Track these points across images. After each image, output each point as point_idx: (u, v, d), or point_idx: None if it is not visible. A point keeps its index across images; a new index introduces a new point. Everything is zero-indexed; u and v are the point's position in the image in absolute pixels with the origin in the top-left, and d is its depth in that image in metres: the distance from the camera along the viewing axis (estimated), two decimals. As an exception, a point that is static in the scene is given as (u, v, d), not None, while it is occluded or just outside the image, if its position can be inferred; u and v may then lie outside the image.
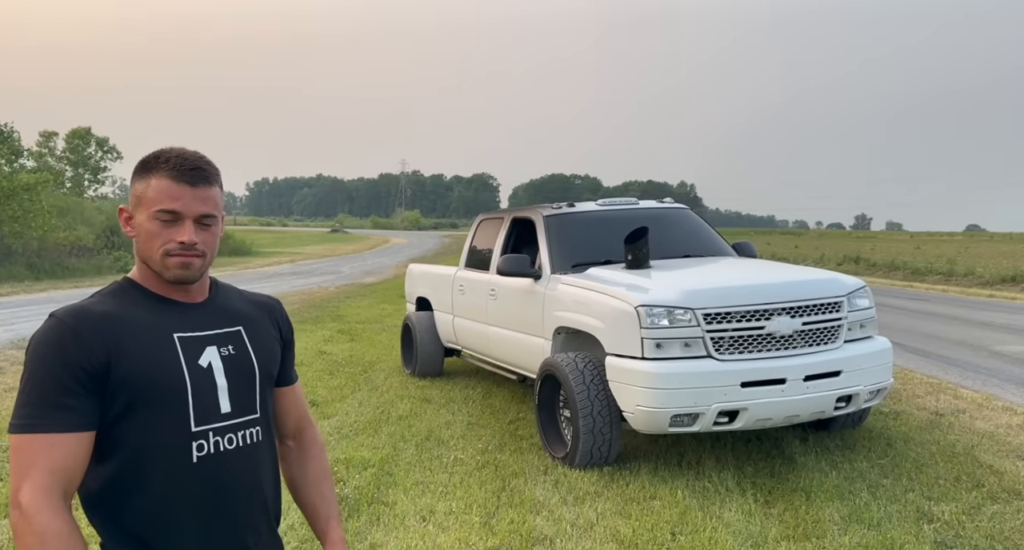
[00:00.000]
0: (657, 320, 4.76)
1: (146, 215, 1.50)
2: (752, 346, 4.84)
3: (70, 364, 1.40)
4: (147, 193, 1.50)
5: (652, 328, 4.74)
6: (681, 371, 4.68)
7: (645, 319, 4.76)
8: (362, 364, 8.92)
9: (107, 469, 1.45)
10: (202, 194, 1.51)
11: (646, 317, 4.76)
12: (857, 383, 5.02)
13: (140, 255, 1.54)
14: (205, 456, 1.49)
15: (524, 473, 4.93)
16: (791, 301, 4.96)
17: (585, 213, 6.57)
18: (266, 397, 1.63)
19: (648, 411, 4.67)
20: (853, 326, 5.22)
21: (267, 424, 1.62)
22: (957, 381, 7.69)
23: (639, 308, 4.79)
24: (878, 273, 26.25)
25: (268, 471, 1.62)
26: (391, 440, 5.63)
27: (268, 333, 1.68)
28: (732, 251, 6.63)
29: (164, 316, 1.52)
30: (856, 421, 5.83)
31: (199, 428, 1.49)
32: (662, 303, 4.81)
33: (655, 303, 4.81)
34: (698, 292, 4.90)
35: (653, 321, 4.75)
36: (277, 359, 1.69)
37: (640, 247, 5.54)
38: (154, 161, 1.52)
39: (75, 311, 1.47)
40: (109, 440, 1.45)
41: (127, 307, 1.50)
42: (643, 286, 5.10)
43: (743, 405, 4.71)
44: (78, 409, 1.40)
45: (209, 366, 1.53)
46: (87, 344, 1.42)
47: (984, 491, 4.50)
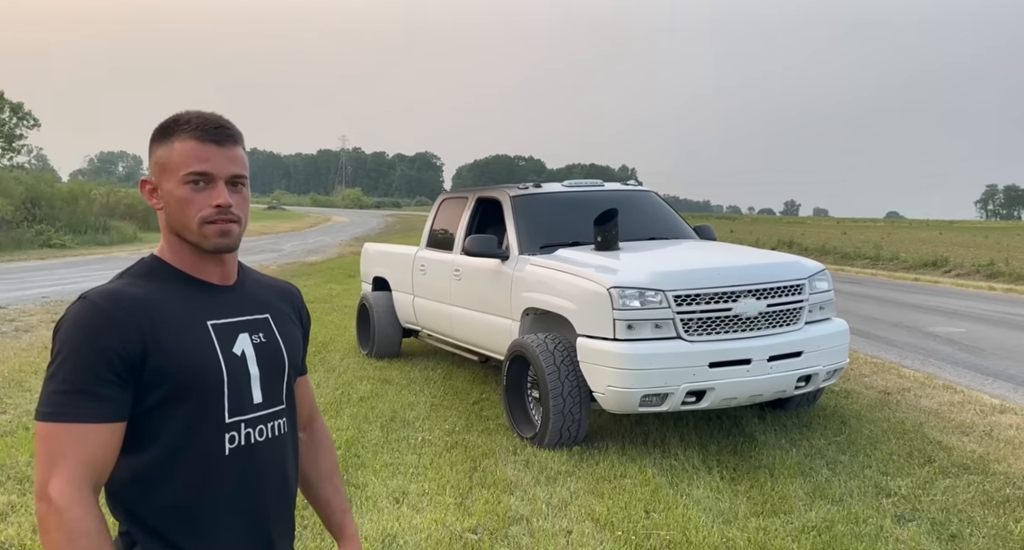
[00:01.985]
0: (629, 301, 4.81)
1: (175, 182, 1.40)
2: (719, 327, 4.94)
3: (105, 351, 1.31)
4: (172, 158, 1.41)
5: (624, 309, 4.78)
6: (652, 352, 4.74)
7: (617, 300, 4.80)
8: (315, 344, 8.74)
9: (136, 460, 1.37)
10: (230, 153, 1.43)
11: (618, 298, 4.80)
12: (817, 363, 5.19)
13: (172, 227, 1.44)
14: (236, 448, 1.42)
15: (494, 454, 4.94)
16: (757, 283, 5.07)
17: (552, 194, 6.56)
18: (291, 388, 1.57)
19: (619, 391, 4.73)
20: (813, 308, 5.38)
21: (292, 415, 1.56)
22: (898, 361, 8.03)
23: (611, 289, 4.83)
24: (810, 257, 27.00)
25: (292, 464, 1.56)
26: (355, 422, 5.55)
27: (291, 321, 1.62)
28: (694, 234, 6.73)
29: (197, 301, 1.44)
30: (811, 400, 6.03)
31: (232, 419, 1.42)
32: (634, 285, 4.86)
33: (627, 285, 4.85)
34: (669, 274, 4.97)
35: (625, 303, 4.80)
36: (300, 348, 1.63)
37: (610, 229, 5.58)
38: (173, 124, 1.43)
39: (109, 294, 1.37)
40: (140, 431, 1.37)
41: (159, 290, 1.41)
42: (614, 268, 5.14)
43: (710, 385, 4.81)
44: (111, 399, 1.32)
45: (243, 354, 1.45)
46: (123, 330, 1.33)
47: (935, 466, 4.72)
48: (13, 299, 12.21)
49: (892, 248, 26.40)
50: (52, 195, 31.68)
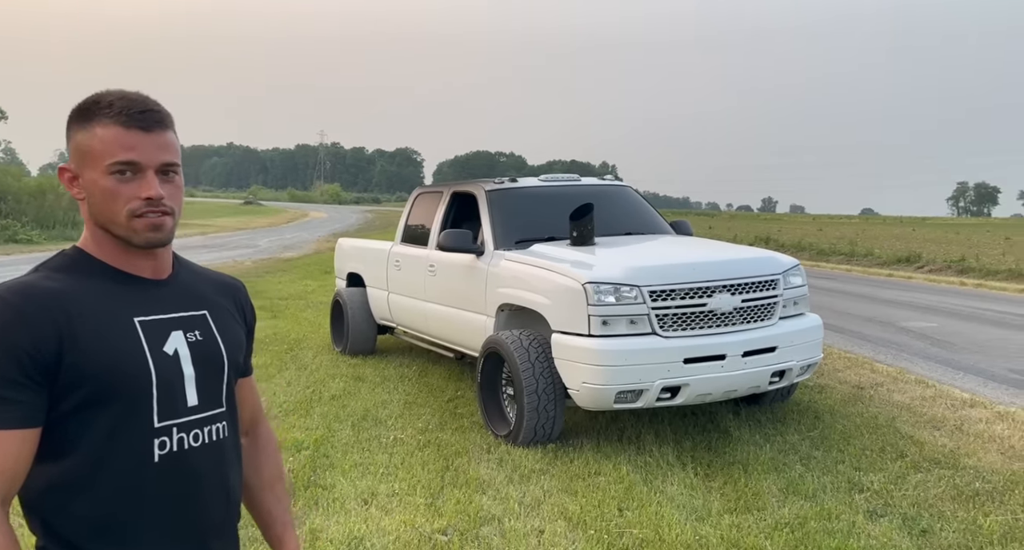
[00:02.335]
0: (604, 297, 4.76)
1: (98, 171, 1.28)
2: (694, 323, 4.92)
3: (13, 350, 1.19)
4: (93, 145, 1.28)
5: (599, 305, 4.74)
6: (627, 348, 4.70)
7: (592, 296, 4.75)
8: (287, 342, 8.63)
9: (52, 469, 1.26)
10: (159, 139, 1.30)
11: (593, 294, 4.75)
12: (791, 358, 5.18)
13: (97, 220, 1.31)
14: (168, 454, 1.31)
15: (467, 452, 4.88)
16: (732, 279, 5.05)
17: (528, 188, 6.50)
18: (232, 389, 1.46)
19: (594, 388, 4.68)
20: (788, 303, 5.37)
21: (233, 419, 1.45)
22: (872, 356, 8.08)
23: (586, 285, 4.78)
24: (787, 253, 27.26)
25: (235, 471, 1.45)
26: (325, 421, 5.46)
27: (232, 318, 1.50)
28: (670, 229, 6.71)
29: (123, 296, 1.32)
30: (785, 395, 6.03)
31: (162, 424, 1.30)
32: (609, 280, 4.81)
33: (602, 280, 4.81)
34: (644, 269, 4.93)
35: (600, 298, 4.75)
36: (243, 347, 1.52)
37: (585, 224, 5.53)
38: (94, 106, 1.30)
39: (19, 288, 1.25)
40: (57, 436, 1.25)
41: (80, 284, 1.29)
42: (589, 263, 5.09)
43: (685, 381, 4.79)
44: (23, 403, 1.20)
45: (175, 353, 1.34)
46: (34, 327, 1.21)
47: (907, 461, 4.73)
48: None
49: (866, 244, 26.69)
50: (19, 189, 31.06)
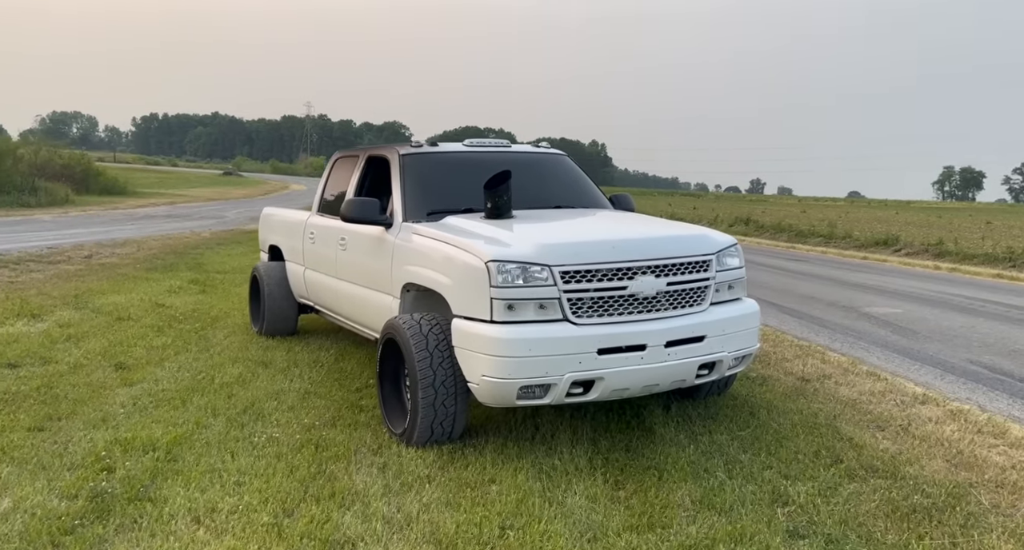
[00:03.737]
0: (510, 278, 4.17)
1: None
2: (612, 308, 4.34)
3: None
4: None
5: (503, 287, 4.14)
6: (532, 337, 4.12)
7: (496, 276, 4.15)
8: (204, 320, 8.01)
9: None
10: None
11: (497, 274, 4.15)
12: (721, 349, 4.63)
13: None
14: None
15: (350, 454, 4.29)
16: (656, 259, 4.47)
17: (448, 153, 5.87)
18: None
19: (494, 382, 4.10)
20: (721, 287, 4.81)
21: None
22: (826, 343, 7.57)
23: (489, 263, 4.18)
24: (765, 234, 26.91)
25: None
26: (198, 414, 4.84)
27: None
28: (608, 203, 6.12)
29: None
30: (721, 388, 5.50)
31: None
32: (515, 259, 4.21)
33: (508, 258, 4.21)
34: (556, 247, 4.33)
35: (505, 279, 4.16)
36: None
37: (500, 194, 4.92)
38: None
39: None
40: None
41: None
42: (498, 238, 4.49)
43: (599, 374, 4.22)
44: None
45: None
46: None
47: (842, 468, 4.21)
48: None
49: (847, 227, 26.28)
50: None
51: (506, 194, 4.94)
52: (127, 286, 10.07)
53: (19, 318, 7.59)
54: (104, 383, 5.43)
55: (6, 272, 11.28)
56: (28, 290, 9.46)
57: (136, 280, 10.72)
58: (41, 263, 12.36)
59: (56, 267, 11.98)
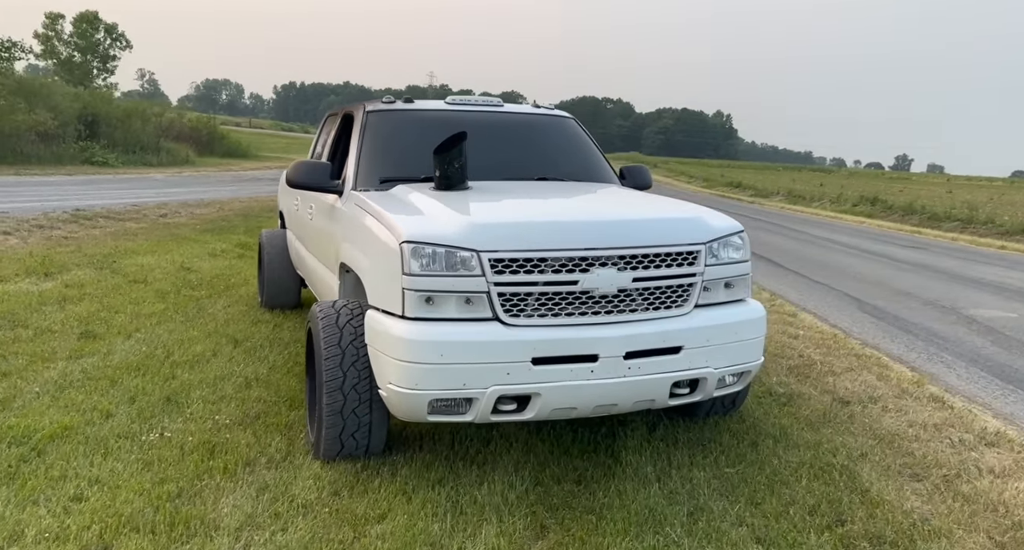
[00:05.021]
0: (428, 263, 3.37)
1: None
2: (557, 308, 3.47)
3: None
4: None
5: (419, 275, 3.35)
6: (445, 339, 3.31)
7: (410, 261, 3.37)
8: (218, 287, 7.70)
9: None
10: None
11: (411, 259, 3.37)
12: (705, 364, 3.67)
13: None
14: None
15: (240, 467, 3.62)
16: (621, 247, 3.55)
17: (421, 112, 5.09)
18: None
19: (399, 392, 3.34)
20: (713, 285, 3.82)
21: None
22: (898, 353, 6.28)
23: (403, 245, 3.40)
24: (892, 216, 24.44)
25: None
26: (113, 400, 4.34)
27: None
28: (611, 176, 5.18)
29: None
30: (727, 407, 4.52)
31: None
32: (436, 240, 3.40)
33: (427, 240, 3.40)
34: (489, 227, 3.48)
35: (422, 265, 3.36)
36: None
37: (450, 160, 4.11)
38: None
39: None
40: None
41: None
42: (427, 214, 3.69)
43: (533, 389, 3.38)
44: None
45: None
46: None
47: (839, 533, 3.19)
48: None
49: (994, 210, 23.26)
50: (109, 113, 31.87)
51: (458, 160, 4.12)
52: (169, 247, 10.00)
53: (29, 276, 7.54)
54: (52, 354, 5.10)
55: (74, 228, 11.55)
56: (67, 247, 9.54)
57: (184, 241, 10.67)
58: (112, 220, 12.63)
59: (121, 224, 12.20)
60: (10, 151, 25.35)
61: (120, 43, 69.71)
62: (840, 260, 12.41)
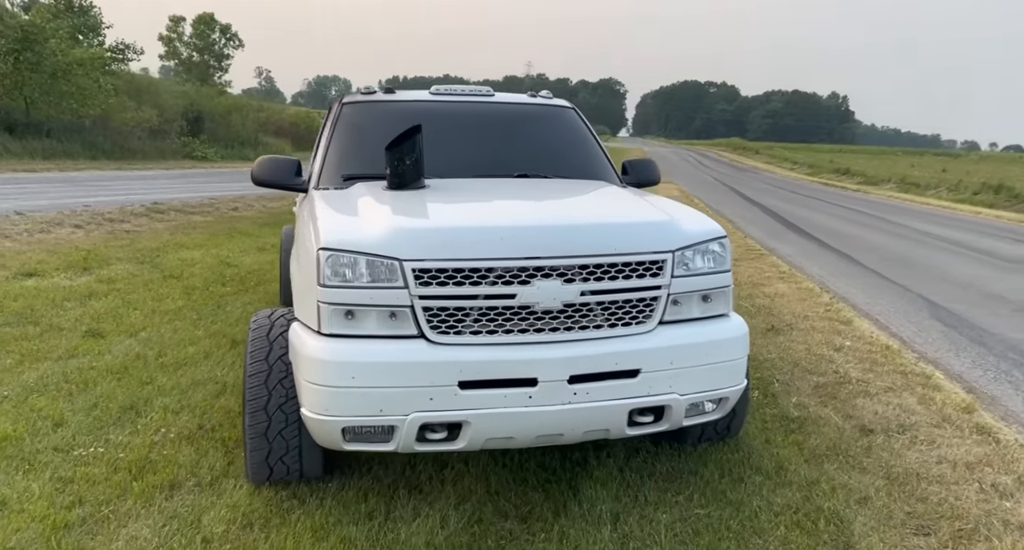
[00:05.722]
0: (346, 274, 3.05)
1: None
2: (494, 324, 3.09)
3: None
4: None
5: (335, 287, 3.03)
6: (358, 359, 2.97)
7: (326, 270, 3.06)
8: (248, 283, 7.70)
9: None
10: None
11: (326, 268, 3.06)
12: (668, 390, 3.21)
13: None
14: None
15: (159, 489, 3.38)
16: (567, 256, 3.12)
17: (400, 103, 4.79)
18: None
19: (311, 418, 3.04)
20: (684, 299, 3.33)
21: None
22: (960, 370, 5.49)
23: (320, 252, 3.10)
24: (1018, 206, 22.32)
25: None
26: (75, 407, 4.23)
27: None
28: (608, 173, 4.71)
29: None
30: (722, 432, 3.99)
31: None
32: (355, 248, 3.07)
33: (345, 247, 3.07)
34: (414, 233, 3.13)
35: (339, 275, 3.04)
36: None
37: (401, 156, 3.77)
38: None
39: None
40: None
41: None
42: (358, 217, 3.37)
43: (461, 416, 3.01)
44: None
45: None
46: None
47: (800, 602, 2.67)
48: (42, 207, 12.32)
49: None
50: (212, 110, 33.37)
51: (411, 156, 3.78)
52: (220, 241, 10.17)
53: (68, 270, 7.76)
54: (45, 354, 5.14)
55: (143, 221, 11.99)
56: (122, 240, 9.85)
57: (238, 235, 10.84)
58: (182, 213, 13.05)
59: (188, 218, 12.57)
60: (118, 147, 26.93)
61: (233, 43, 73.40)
62: (932, 258, 11.28)
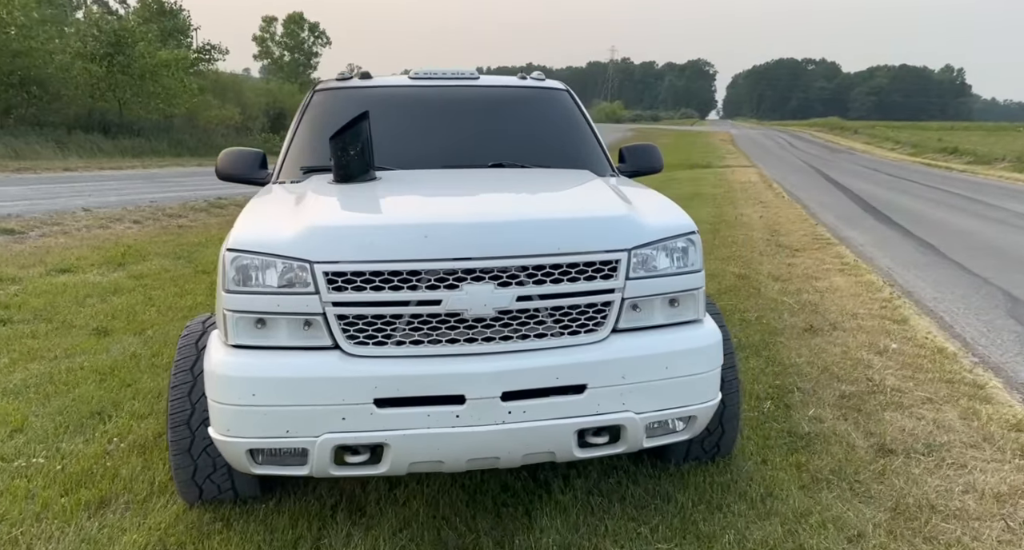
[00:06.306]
0: (252, 277, 2.80)
1: None
2: (418, 333, 2.76)
3: None
4: None
5: (240, 292, 2.78)
6: (260, 375, 2.68)
7: (231, 273, 2.81)
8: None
9: None
10: None
11: (233, 271, 2.81)
12: (621, 408, 2.82)
13: None
14: None
15: (83, 507, 3.19)
16: (502, 257, 2.76)
17: (376, 89, 4.50)
18: None
19: (216, 438, 2.78)
20: (645, 304, 2.92)
21: None
22: (1023, 379, 4.78)
23: (226, 253, 2.86)
24: None
25: None
26: (44, 411, 4.12)
27: None
28: (598, 159, 4.29)
29: None
30: (710, 450, 3.54)
31: None
32: (263, 248, 2.79)
33: (252, 248, 2.80)
34: (329, 232, 2.81)
35: (246, 278, 2.79)
36: None
37: (344, 147, 3.48)
38: None
39: None
40: None
41: None
42: (282, 215, 3.10)
43: (378, 438, 2.70)
44: None
45: None
46: None
47: None
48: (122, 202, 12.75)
49: None
50: (293, 106, 34.27)
51: (355, 146, 3.48)
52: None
53: (104, 266, 7.91)
54: (42, 353, 5.14)
55: (201, 216, 12.28)
56: (170, 235, 10.04)
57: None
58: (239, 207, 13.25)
59: (243, 213, 12.79)
60: (203, 144, 28.00)
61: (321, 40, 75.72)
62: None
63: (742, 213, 13.74)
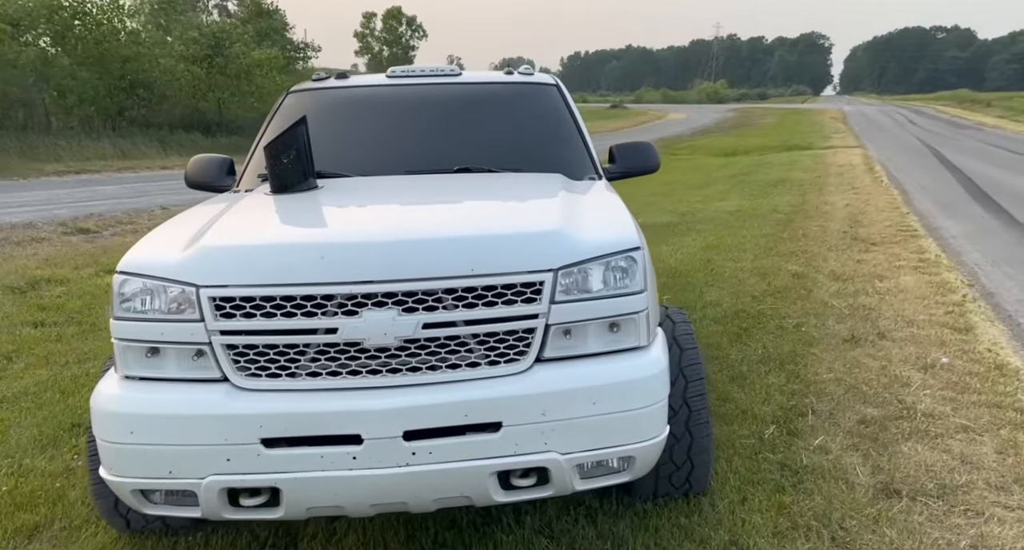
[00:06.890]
0: (140, 302, 2.65)
1: None
2: (315, 364, 2.53)
3: None
4: None
5: (127, 320, 2.63)
6: (137, 410, 2.51)
7: (117, 298, 2.63)
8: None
9: None
10: None
11: (119, 297, 2.63)
12: (543, 447, 2.51)
13: None
14: None
15: (15, 536, 3.14)
16: (407, 280, 2.50)
17: (350, 89, 4.30)
18: None
19: (104, 478, 2.62)
20: (578, 329, 2.59)
21: None
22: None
23: (116, 276, 2.69)
24: None
25: None
26: (26, 422, 4.12)
27: None
28: (581, 161, 3.93)
29: None
30: (680, 486, 3.16)
31: None
32: (149, 271, 2.60)
33: (138, 270, 2.61)
34: (216, 252, 2.60)
35: (134, 304, 2.65)
36: None
37: (277, 154, 3.27)
38: None
39: None
40: None
41: None
42: (183, 232, 2.87)
43: (268, 480, 2.49)
44: None
45: None
46: None
47: None
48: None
49: None
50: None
51: (287, 154, 3.27)
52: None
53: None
54: (57, 359, 5.24)
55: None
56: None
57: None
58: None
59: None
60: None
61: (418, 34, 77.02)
62: None
63: (826, 201, 12.80)
